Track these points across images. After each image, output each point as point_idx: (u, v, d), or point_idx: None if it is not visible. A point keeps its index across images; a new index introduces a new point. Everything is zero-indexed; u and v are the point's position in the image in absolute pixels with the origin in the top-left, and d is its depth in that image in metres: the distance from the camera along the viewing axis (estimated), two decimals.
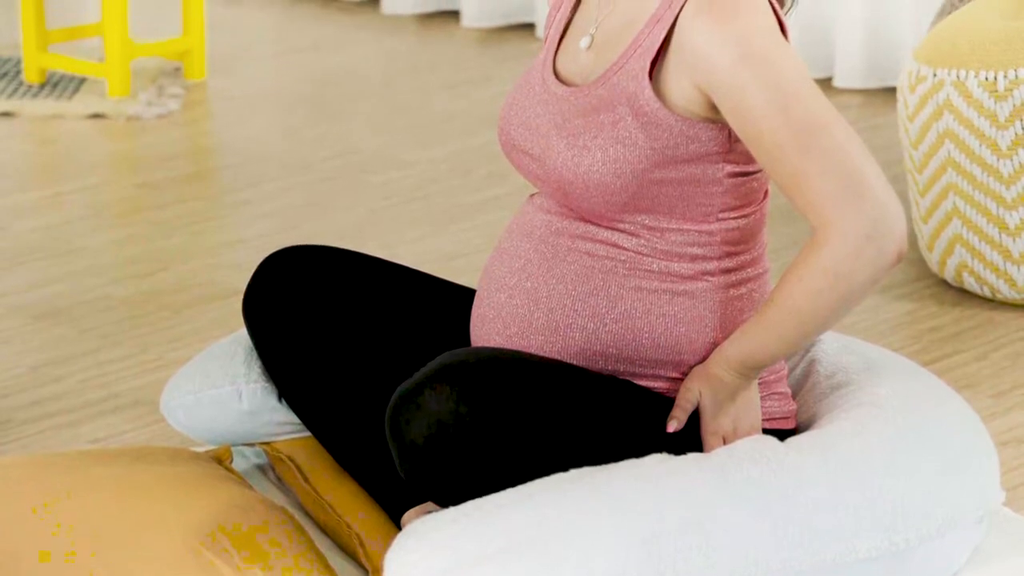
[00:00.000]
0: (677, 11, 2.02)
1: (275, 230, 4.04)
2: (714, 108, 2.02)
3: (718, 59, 1.98)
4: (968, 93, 3.36)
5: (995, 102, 3.33)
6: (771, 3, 2.04)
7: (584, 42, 2.13)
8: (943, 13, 3.99)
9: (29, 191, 4.31)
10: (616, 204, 2.06)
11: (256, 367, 2.45)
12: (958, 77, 3.38)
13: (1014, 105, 3.33)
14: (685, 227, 2.08)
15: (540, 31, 5.69)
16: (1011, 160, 3.35)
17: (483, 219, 4.13)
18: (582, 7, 2.18)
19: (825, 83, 5.11)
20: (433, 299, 2.35)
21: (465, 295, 2.37)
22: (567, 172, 2.06)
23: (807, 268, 1.99)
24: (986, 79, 3.34)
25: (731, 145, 2.06)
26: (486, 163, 4.50)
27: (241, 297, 2.80)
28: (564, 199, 2.10)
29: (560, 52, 2.17)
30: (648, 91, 2.03)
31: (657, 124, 2.03)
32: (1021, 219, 3.39)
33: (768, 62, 1.97)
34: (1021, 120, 3.33)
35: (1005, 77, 3.33)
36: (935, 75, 3.42)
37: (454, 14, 5.93)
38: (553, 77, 2.14)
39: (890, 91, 5.05)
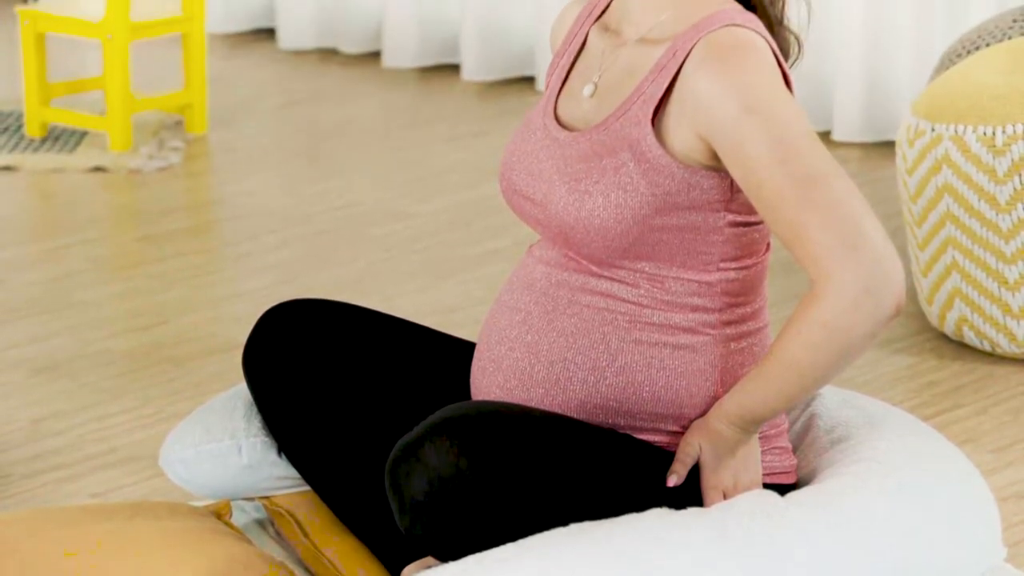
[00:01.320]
0: (681, 60, 2.03)
1: (275, 283, 4.04)
2: (716, 156, 2.03)
3: (721, 109, 1.98)
4: (966, 148, 3.37)
5: (993, 157, 3.34)
6: (775, 55, 2.05)
7: (587, 89, 2.14)
8: (941, 68, 4.01)
9: (30, 244, 4.31)
10: (617, 249, 2.06)
11: (256, 421, 2.44)
12: (956, 132, 3.39)
13: (1012, 160, 3.33)
14: (685, 276, 2.08)
15: (540, 84, 5.71)
16: (1010, 215, 3.36)
17: (483, 271, 4.13)
18: (584, 54, 2.19)
19: (824, 136, 5.13)
20: (433, 353, 2.35)
21: (465, 348, 2.37)
22: (568, 217, 2.07)
23: (805, 321, 1.99)
24: (984, 134, 3.35)
25: (732, 194, 2.06)
26: (486, 215, 4.50)
27: (241, 350, 2.80)
28: (565, 244, 2.11)
29: (562, 98, 2.18)
30: (651, 137, 2.04)
31: (659, 170, 2.04)
32: (1020, 273, 3.39)
33: (770, 114, 1.98)
34: (1019, 175, 3.33)
35: (1003, 132, 3.34)
36: (933, 129, 3.43)
37: (454, 67, 5.96)
38: (555, 122, 2.15)
39: (889, 145, 5.07)
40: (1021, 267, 3.38)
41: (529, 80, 5.81)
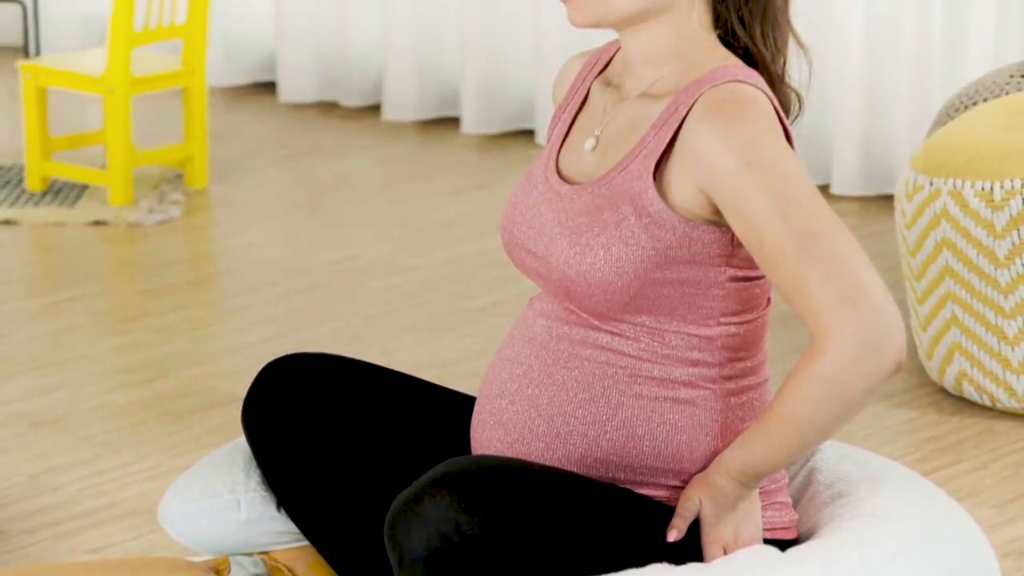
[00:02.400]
0: (683, 115, 2.04)
1: (275, 336, 4.04)
2: (717, 211, 2.03)
3: (722, 163, 1.99)
4: (965, 202, 3.38)
5: (992, 212, 3.35)
6: (776, 111, 2.06)
7: (589, 143, 2.14)
8: (939, 123, 4.02)
9: (30, 298, 4.32)
10: (618, 303, 2.06)
11: (255, 475, 2.44)
12: (954, 186, 3.40)
13: (1011, 215, 3.34)
14: (686, 330, 2.08)
15: (540, 137, 5.72)
16: (1008, 269, 3.36)
17: (483, 325, 4.13)
18: (586, 108, 2.20)
19: (823, 189, 5.14)
20: (432, 407, 2.35)
21: (464, 403, 2.37)
22: (569, 270, 2.07)
23: (806, 377, 1.99)
24: (982, 189, 3.36)
25: (733, 249, 2.06)
26: (486, 268, 4.51)
27: (240, 404, 2.80)
28: (566, 297, 2.11)
29: (564, 152, 2.19)
30: (652, 191, 2.04)
31: (660, 224, 2.04)
32: (1020, 328, 3.39)
33: (772, 169, 1.98)
34: (1018, 230, 3.34)
35: (1001, 187, 3.35)
36: (932, 184, 3.44)
37: (454, 120, 5.97)
38: (556, 176, 2.16)
39: (887, 198, 5.08)
40: (1020, 322, 3.39)
41: (529, 133, 5.83)
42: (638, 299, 2.06)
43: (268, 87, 6.36)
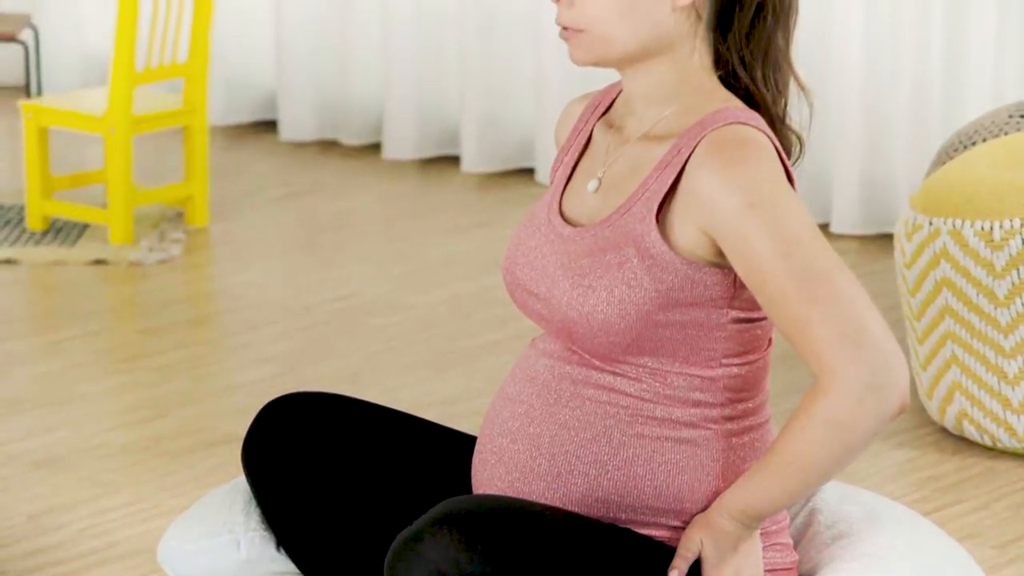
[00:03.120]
0: (686, 157, 2.05)
1: (275, 374, 4.04)
2: (720, 253, 2.04)
3: (725, 205, 2.00)
4: (964, 242, 3.38)
5: (991, 251, 3.35)
6: (778, 152, 2.07)
7: (592, 185, 2.15)
8: (938, 162, 4.03)
9: (31, 337, 4.32)
10: (620, 345, 2.06)
11: (255, 515, 2.43)
12: (954, 226, 3.40)
13: (1010, 255, 3.35)
14: (688, 371, 2.09)
15: (540, 176, 5.73)
16: (1008, 309, 3.37)
17: (483, 363, 4.13)
18: (589, 150, 2.21)
19: (822, 228, 5.15)
20: (433, 445, 2.35)
21: (465, 442, 2.37)
22: (572, 312, 2.08)
23: (808, 417, 1.99)
24: (982, 228, 3.36)
25: (736, 291, 2.07)
26: (486, 307, 4.51)
27: (240, 443, 2.80)
28: (568, 339, 2.11)
29: (567, 194, 2.20)
30: (655, 233, 2.05)
31: (663, 267, 2.04)
32: (1020, 368, 3.39)
33: (774, 210, 1.99)
34: (1017, 269, 3.34)
35: (1000, 227, 3.35)
36: (931, 224, 3.44)
37: (454, 159, 5.99)
38: (559, 218, 2.16)
39: (887, 237, 5.08)
40: (1020, 361, 3.39)
41: (529, 172, 5.84)
42: (640, 341, 2.07)
43: (269, 126, 6.37)
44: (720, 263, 2.05)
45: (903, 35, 5.06)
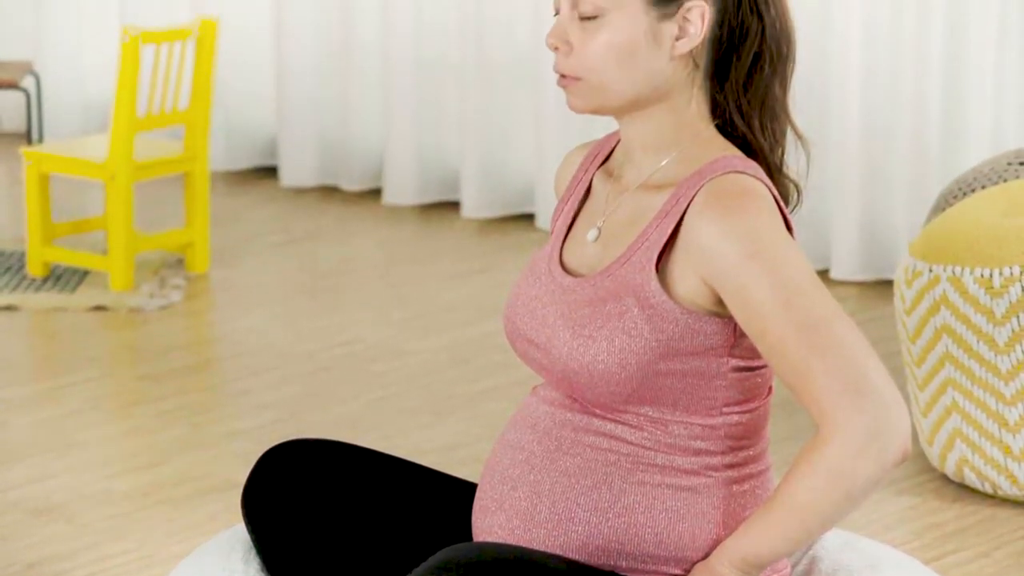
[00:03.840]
0: (685, 207, 2.05)
1: (275, 420, 4.04)
2: (720, 302, 2.04)
3: (724, 254, 2.00)
4: (964, 289, 3.38)
5: (991, 299, 3.35)
6: (776, 200, 2.07)
7: (591, 234, 2.15)
8: (937, 209, 4.04)
9: (31, 384, 4.31)
10: (621, 395, 2.06)
11: (254, 562, 2.43)
12: (954, 273, 3.40)
13: (1010, 302, 3.35)
14: (689, 420, 2.09)
15: (540, 221, 5.74)
16: (1009, 356, 3.36)
17: (483, 409, 4.13)
18: (590, 200, 2.21)
19: (822, 274, 5.16)
20: (433, 493, 2.34)
21: (465, 489, 2.36)
22: (572, 362, 2.08)
23: (810, 466, 1.98)
24: (981, 276, 3.36)
25: (736, 340, 2.07)
26: (486, 353, 4.51)
27: (239, 490, 2.79)
28: (569, 389, 2.11)
29: (567, 243, 2.20)
30: (655, 283, 2.05)
31: (663, 316, 2.05)
32: (1020, 415, 3.38)
33: (773, 259, 1.99)
34: (1017, 316, 3.34)
35: (1000, 274, 3.35)
36: (931, 270, 3.44)
37: (454, 204, 5.99)
38: (560, 268, 2.17)
39: (886, 283, 5.09)
40: (1021, 408, 3.38)
41: (529, 217, 5.84)
42: (641, 390, 2.07)
43: (269, 172, 6.39)
44: (720, 312, 2.06)
45: (902, 82, 5.08)
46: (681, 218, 2.06)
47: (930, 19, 5.01)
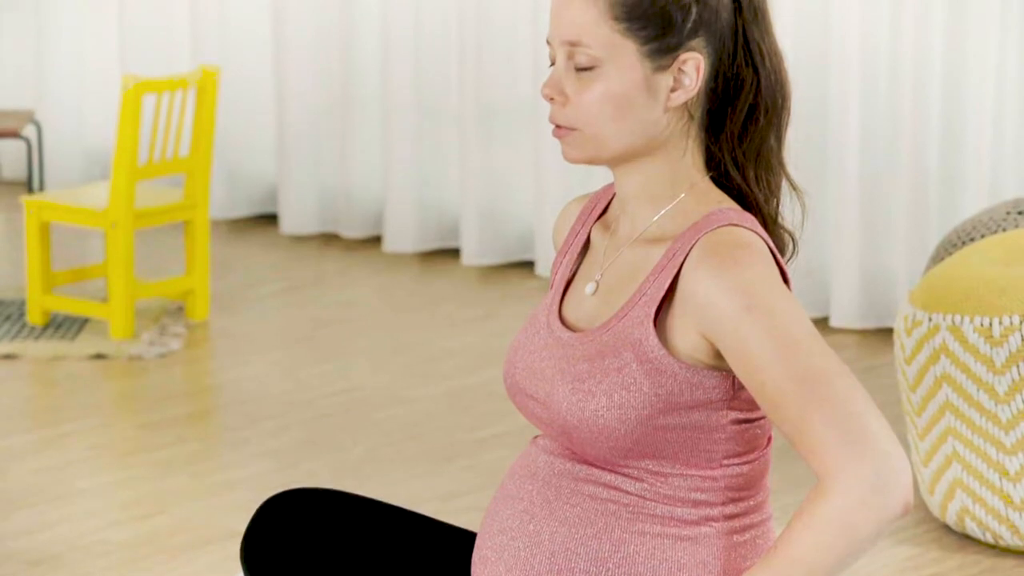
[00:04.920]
0: (681, 260, 2.05)
1: (274, 469, 4.03)
2: (719, 356, 2.04)
3: (722, 308, 2.00)
4: (964, 338, 3.38)
5: (991, 348, 3.35)
6: (772, 252, 2.07)
7: (589, 288, 2.15)
8: (937, 258, 4.04)
9: (29, 433, 4.31)
10: (620, 449, 2.06)
11: None
12: (953, 322, 3.40)
13: (1010, 351, 3.34)
14: (689, 472, 2.08)
15: (540, 269, 5.75)
16: (1009, 405, 3.36)
17: (483, 457, 4.12)
18: (589, 254, 2.21)
19: (821, 323, 5.15)
20: (432, 543, 2.34)
21: (464, 538, 2.36)
22: (571, 417, 2.07)
23: (812, 518, 1.98)
24: (981, 325, 3.36)
25: (735, 392, 2.07)
26: (486, 400, 4.50)
27: (238, 539, 2.79)
28: (568, 443, 2.11)
29: (567, 297, 2.20)
30: (653, 338, 2.05)
31: (662, 371, 2.04)
32: (1021, 465, 3.37)
33: (771, 312, 1.99)
34: (1017, 366, 3.34)
35: (1000, 323, 3.35)
36: (931, 319, 3.44)
37: (454, 252, 6.00)
38: (559, 322, 2.16)
39: (886, 331, 5.08)
40: (1022, 458, 3.37)
41: (528, 265, 5.85)
42: (641, 445, 2.06)
43: (269, 219, 6.39)
44: (719, 366, 2.05)
45: (900, 131, 5.09)
46: (678, 272, 2.06)
47: (928, 68, 5.02)
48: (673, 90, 2.08)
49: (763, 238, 2.08)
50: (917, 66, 5.03)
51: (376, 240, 6.12)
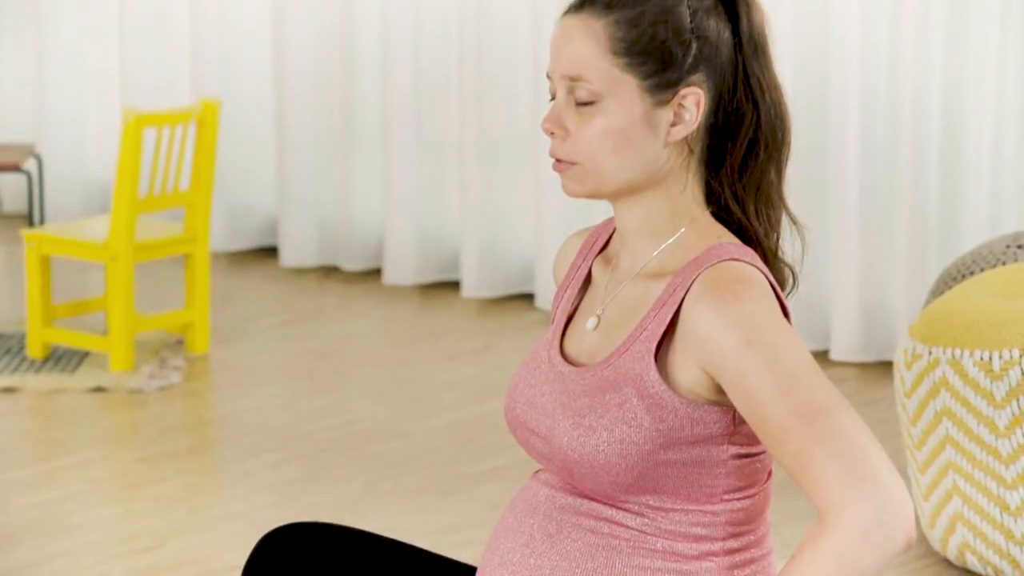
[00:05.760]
0: (682, 295, 2.05)
1: (274, 503, 4.02)
2: (720, 390, 2.04)
3: (722, 343, 2.00)
4: (964, 372, 3.37)
5: (991, 382, 3.35)
6: (772, 286, 2.07)
7: (590, 323, 2.15)
8: (936, 291, 4.04)
9: (29, 467, 4.30)
10: (621, 484, 2.06)
11: None
12: (953, 356, 3.40)
13: (1010, 385, 3.34)
14: (690, 507, 2.08)
15: (540, 301, 5.74)
16: (1009, 440, 3.35)
17: (483, 490, 4.11)
18: (590, 288, 2.21)
19: (822, 356, 5.15)
20: None
21: (465, 573, 2.35)
22: (572, 452, 2.07)
23: (814, 552, 1.97)
24: (981, 358, 3.36)
25: (736, 427, 2.06)
26: (486, 433, 4.50)
27: (238, 574, 2.78)
28: (570, 478, 2.11)
29: (568, 332, 2.20)
30: (654, 373, 2.04)
31: (662, 406, 2.04)
32: (1022, 499, 3.37)
33: (772, 347, 1.99)
34: (1018, 400, 3.33)
35: (1000, 357, 3.35)
36: (930, 353, 3.44)
37: (454, 284, 6.00)
38: (560, 357, 2.16)
39: (886, 364, 5.08)
40: (1023, 492, 3.36)
41: (529, 297, 5.85)
42: (642, 480, 2.06)
43: (269, 252, 6.40)
44: (720, 400, 2.05)
45: (900, 165, 5.09)
46: (679, 307, 2.06)
47: (928, 102, 5.03)
48: (673, 125, 2.08)
49: (763, 272, 2.08)
50: (916, 100, 5.04)
51: (376, 273, 6.12)
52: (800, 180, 5.05)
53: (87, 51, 6.76)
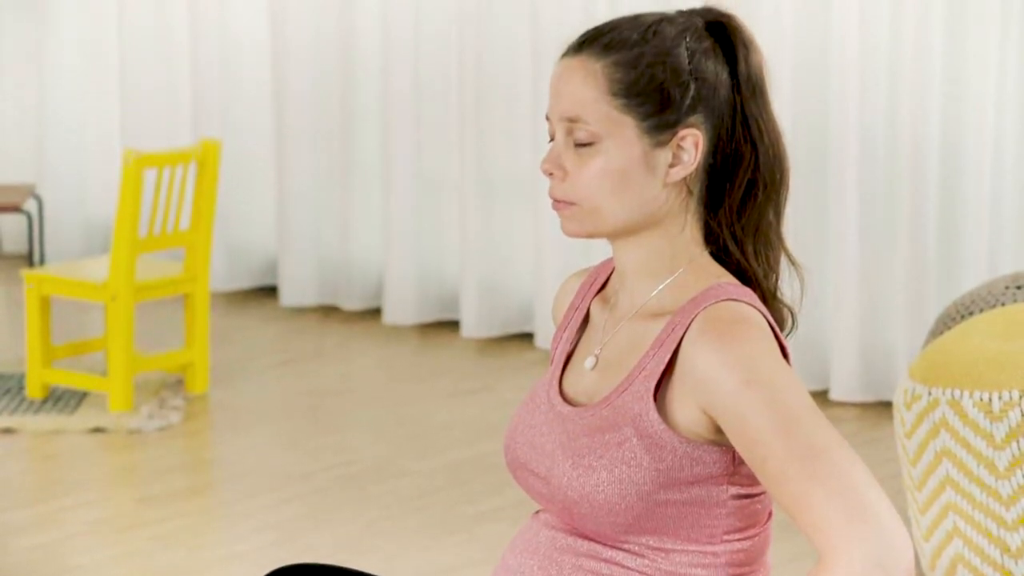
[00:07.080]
0: (681, 335, 2.05)
1: (274, 542, 4.01)
2: (719, 430, 2.03)
3: (721, 383, 2.00)
4: (963, 413, 3.37)
5: (991, 423, 3.34)
6: (772, 326, 2.07)
7: (589, 363, 2.15)
8: (936, 332, 4.04)
9: (28, 508, 4.29)
10: (621, 525, 2.05)
11: None
12: (953, 396, 3.39)
13: (1010, 426, 3.33)
14: (690, 548, 2.07)
15: (539, 341, 5.74)
16: (1009, 481, 3.34)
17: (482, 530, 4.10)
18: (589, 328, 2.21)
19: (821, 396, 5.14)
20: None
21: None
22: (572, 492, 2.07)
23: None
24: (981, 400, 3.35)
25: (735, 467, 2.06)
26: (486, 473, 4.49)
27: None
28: (569, 518, 2.10)
29: (567, 372, 2.20)
30: (653, 413, 2.04)
31: (662, 446, 2.04)
32: (1022, 541, 3.36)
33: (770, 387, 1.99)
34: (1017, 441, 3.33)
35: (1000, 398, 3.34)
36: (930, 394, 3.43)
37: (454, 324, 6.00)
38: (559, 397, 2.16)
39: (886, 404, 5.07)
40: (1023, 534, 3.35)
41: (528, 337, 5.84)
42: (642, 520, 2.06)
43: (269, 291, 6.40)
44: (719, 440, 2.05)
45: (900, 205, 5.10)
46: (677, 347, 2.06)
47: (926, 142, 5.04)
48: (672, 166, 2.08)
49: (762, 313, 2.08)
50: (915, 140, 5.05)
51: (376, 312, 6.12)
52: (799, 220, 5.06)
53: (88, 92, 6.78)
